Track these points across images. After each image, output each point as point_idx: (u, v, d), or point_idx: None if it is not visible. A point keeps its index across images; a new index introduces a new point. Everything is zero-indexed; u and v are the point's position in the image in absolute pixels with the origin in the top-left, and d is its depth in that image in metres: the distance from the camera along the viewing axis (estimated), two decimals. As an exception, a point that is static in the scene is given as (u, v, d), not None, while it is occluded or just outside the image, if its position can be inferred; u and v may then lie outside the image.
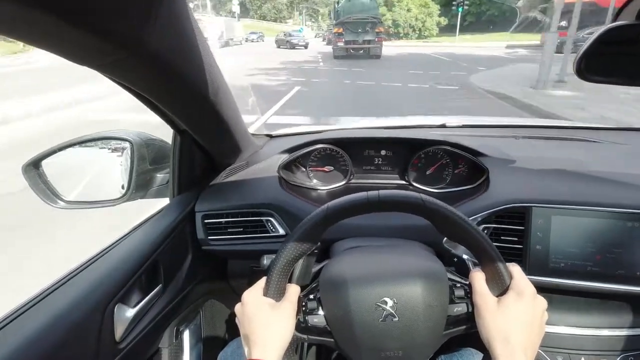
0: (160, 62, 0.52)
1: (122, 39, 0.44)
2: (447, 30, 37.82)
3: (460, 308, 0.59)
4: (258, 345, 0.55)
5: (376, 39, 17.69)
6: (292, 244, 0.58)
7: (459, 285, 0.62)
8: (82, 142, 0.94)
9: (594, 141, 1.15)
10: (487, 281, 0.57)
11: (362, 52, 18.02)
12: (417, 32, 38.36)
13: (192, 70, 0.62)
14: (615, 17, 0.62)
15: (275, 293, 0.59)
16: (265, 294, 0.59)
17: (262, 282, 0.61)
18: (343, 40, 17.57)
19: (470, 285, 0.59)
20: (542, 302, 0.55)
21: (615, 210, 0.82)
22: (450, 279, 0.62)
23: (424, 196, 0.56)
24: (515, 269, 0.58)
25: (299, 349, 1.11)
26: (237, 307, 0.61)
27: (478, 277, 0.58)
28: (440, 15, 38.90)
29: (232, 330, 0.60)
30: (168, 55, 0.53)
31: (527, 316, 0.53)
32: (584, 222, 0.84)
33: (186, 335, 0.97)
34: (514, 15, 33.76)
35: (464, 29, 37.39)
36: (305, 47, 27.47)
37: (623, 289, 0.82)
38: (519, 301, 0.53)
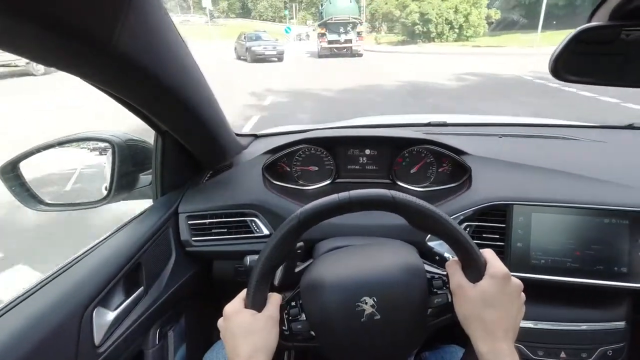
0: (133, 63, 0.52)
1: (91, 40, 0.43)
2: (497, 28, 26.43)
3: (440, 299, 0.60)
4: (242, 358, 0.54)
5: (357, 39, 19.10)
6: (269, 253, 0.57)
7: (437, 276, 0.62)
8: (61, 143, 0.93)
9: (573, 139, 1.17)
10: (463, 269, 0.57)
11: (345, 50, 19.20)
12: (457, 30, 24.86)
13: (169, 70, 0.61)
14: (590, 17, 0.63)
15: (257, 304, 0.58)
16: (247, 305, 0.58)
17: (243, 293, 0.60)
18: (326, 40, 18.99)
19: (447, 276, 0.60)
20: (516, 283, 0.56)
21: (593, 207, 0.84)
22: (428, 271, 0.63)
23: (393, 192, 0.56)
24: (488, 253, 0.58)
25: (288, 357, 1.11)
26: (220, 322, 0.60)
27: (454, 266, 0.58)
28: (489, 7, 25.73)
29: (218, 332, 0.59)
30: (141, 56, 0.52)
31: (503, 298, 0.53)
32: (564, 219, 0.85)
33: (170, 337, 0.96)
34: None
35: (509, 26, 25.88)
36: (279, 58, 16.91)
37: (601, 284, 0.84)
38: (494, 284, 0.54)
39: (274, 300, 0.61)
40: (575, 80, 0.67)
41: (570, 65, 0.64)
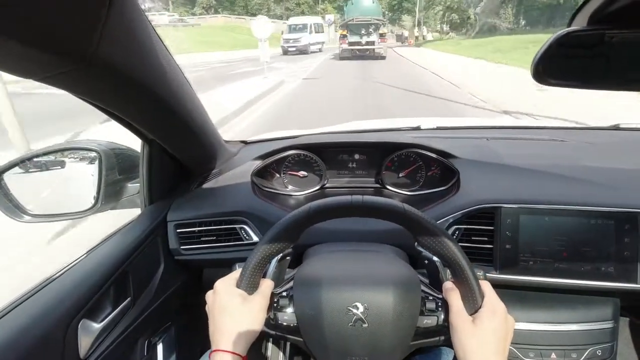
0: (115, 72, 0.51)
1: (68, 50, 0.42)
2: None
3: (430, 321, 0.60)
4: (226, 337, 0.55)
5: (379, 40, 18.43)
6: (272, 239, 0.58)
7: (431, 298, 0.62)
8: (46, 154, 0.92)
9: (560, 141, 1.19)
10: (462, 298, 0.57)
11: (367, 52, 18.62)
12: None
13: (152, 77, 0.61)
14: (570, 22, 0.64)
15: (249, 286, 0.59)
16: (239, 285, 0.59)
17: (236, 273, 0.61)
18: (347, 41, 18.42)
19: (443, 300, 0.59)
20: (512, 321, 0.57)
21: (580, 209, 0.85)
22: (423, 291, 0.63)
23: (406, 206, 0.56)
24: (487, 287, 0.59)
25: (268, 346, 1.11)
26: (209, 295, 0.61)
27: (454, 295, 0.58)
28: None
29: (208, 341, 0.59)
30: (123, 64, 0.52)
31: (500, 335, 0.54)
32: (551, 221, 0.86)
33: (159, 348, 0.95)
34: None
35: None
36: None
37: (589, 284, 0.84)
38: (493, 320, 0.54)
39: (267, 285, 0.61)
40: (556, 84, 0.68)
41: (552, 69, 0.65)
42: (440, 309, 0.60)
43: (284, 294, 0.63)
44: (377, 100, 7.68)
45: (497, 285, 0.85)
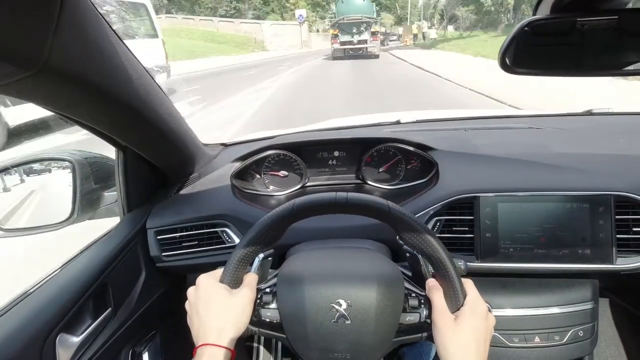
0: (70, 78, 0.49)
1: (18, 58, 0.41)
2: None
3: (412, 317, 0.60)
4: (213, 331, 0.54)
5: (371, 39, 18.08)
6: (255, 235, 0.58)
7: (414, 295, 0.62)
8: (16, 166, 0.90)
9: (536, 128, 1.21)
10: (444, 296, 0.57)
11: (360, 52, 18.26)
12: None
13: (115, 83, 0.59)
14: (534, 10, 0.65)
15: (232, 281, 0.59)
16: (222, 281, 0.59)
17: (219, 269, 0.61)
18: (338, 41, 18.00)
19: (426, 297, 0.60)
20: (492, 319, 0.57)
21: (556, 194, 0.86)
22: (406, 288, 0.63)
23: (390, 204, 0.57)
24: (469, 285, 0.59)
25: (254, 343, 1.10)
26: (190, 290, 0.60)
27: (437, 294, 0.58)
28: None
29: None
30: (80, 70, 0.50)
31: (480, 333, 0.54)
32: (529, 207, 0.87)
33: (145, 357, 0.93)
34: None
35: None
36: None
37: (568, 267, 0.86)
38: (474, 319, 0.55)
39: (252, 278, 0.61)
40: (527, 73, 0.69)
41: (519, 59, 0.66)
42: (422, 305, 0.60)
43: (268, 290, 0.62)
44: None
45: (479, 274, 0.86)
